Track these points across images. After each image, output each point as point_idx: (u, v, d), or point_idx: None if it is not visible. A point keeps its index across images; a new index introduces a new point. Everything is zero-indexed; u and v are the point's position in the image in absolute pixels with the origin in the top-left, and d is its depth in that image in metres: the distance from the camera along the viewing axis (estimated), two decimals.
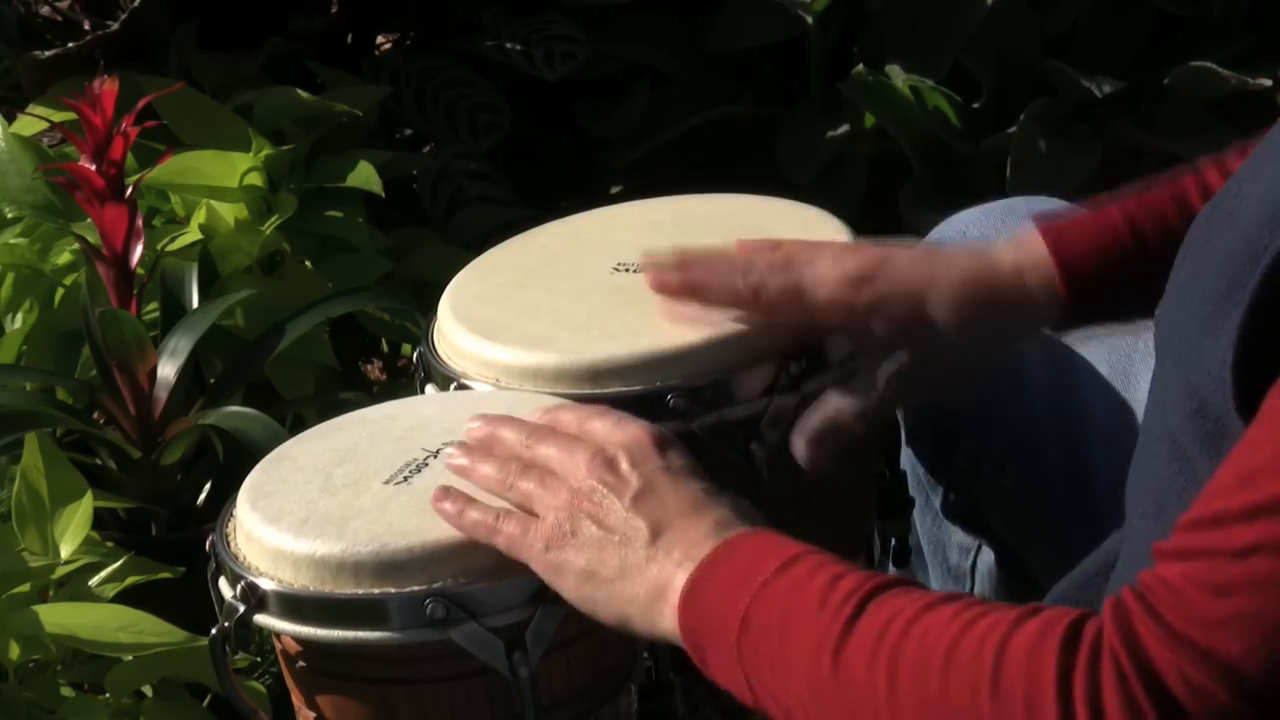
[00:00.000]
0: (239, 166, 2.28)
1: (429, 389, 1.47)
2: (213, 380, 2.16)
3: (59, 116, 2.27)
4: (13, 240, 2.27)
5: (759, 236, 1.50)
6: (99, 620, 1.72)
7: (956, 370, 1.40)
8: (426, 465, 1.31)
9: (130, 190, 2.01)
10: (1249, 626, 0.93)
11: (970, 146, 2.52)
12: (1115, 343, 1.53)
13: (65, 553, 1.81)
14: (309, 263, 2.30)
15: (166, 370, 2.03)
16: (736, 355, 1.38)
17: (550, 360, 1.40)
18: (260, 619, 1.27)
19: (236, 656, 1.44)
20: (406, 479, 1.29)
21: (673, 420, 1.35)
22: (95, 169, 1.99)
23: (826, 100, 2.63)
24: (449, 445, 1.31)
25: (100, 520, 1.98)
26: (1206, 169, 1.36)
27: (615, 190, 2.69)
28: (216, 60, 2.51)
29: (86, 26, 2.51)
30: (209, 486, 2.12)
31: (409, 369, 2.42)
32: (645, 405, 1.36)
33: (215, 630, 1.28)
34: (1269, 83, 2.44)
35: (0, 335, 2.23)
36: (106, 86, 2.00)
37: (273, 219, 2.26)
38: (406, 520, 1.25)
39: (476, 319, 1.46)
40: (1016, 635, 1.00)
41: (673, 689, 1.40)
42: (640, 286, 1.44)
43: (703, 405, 1.36)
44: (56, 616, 1.72)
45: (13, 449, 1.91)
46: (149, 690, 1.82)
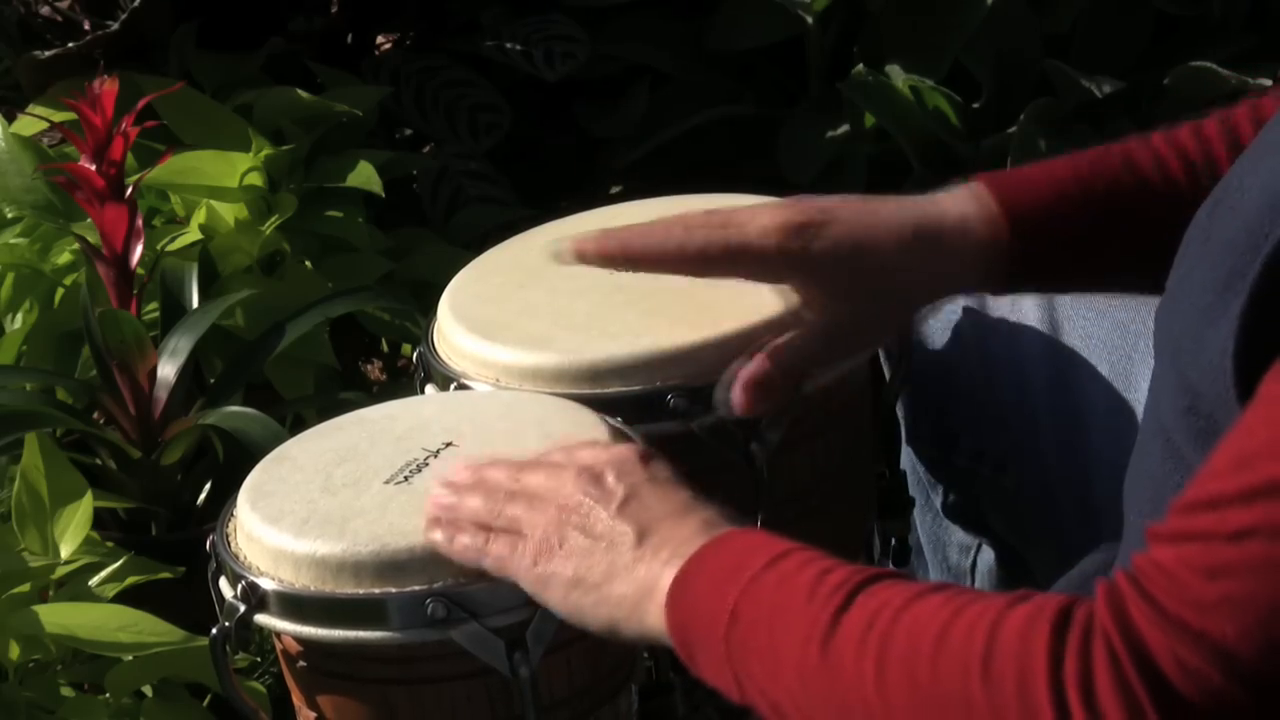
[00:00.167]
0: (239, 166, 2.28)
1: (429, 389, 1.47)
2: (213, 380, 2.16)
3: (59, 116, 2.27)
4: (13, 240, 2.27)
5: None
6: (99, 620, 1.72)
7: (893, 319, 1.38)
8: (427, 465, 1.31)
9: (130, 190, 2.01)
10: (1243, 609, 0.93)
11: (970, 146, 2.52)
12: (1115, 343, 1.53)
13: (65, 553, 1.81)
14: (309, 263, 2.30)
15: (166, 370, 2.03)
16: (736, 355, 1.38)
17: (550, 360, 1.40)
18: (261, 619, 1.27)
19: (236, 656, 1.44)
20: (407, 479, 1.29)
21: (673, 420, 1.35)
22: (95, 169, 1.99)
23: (826, 100, 2.63)
24: (449, 445, 1.31)
25: (100, 520, 1.98)
26: (1154, 137, 1.36)
27: (615, 190, 2.68)
28: (216, 60, 2.51)
29: (86, 26, 2.51)
30: (209, 486, 2.12)
31: (409, 369, 2.42)
32: (645, 405, 1.36)
33: (215, 630, 1.28)
34: (1269, 83, 2.44)
35: (0, 335, 2.23)
36: (106, 86, 2.00)
37: (273, 219, 2.26)
38: (407, 520, 1.25)
39: (476, 319, 1.46)
40: (1007, 620, 0.99)
41: (673, 689, 1.40)
42: (640, 286, 1.44)
43: (703, 405, 1.36)
44: (56, 616, 1.72)
45: (13, 449, 1.91)
46: (149, 690, 1.82)
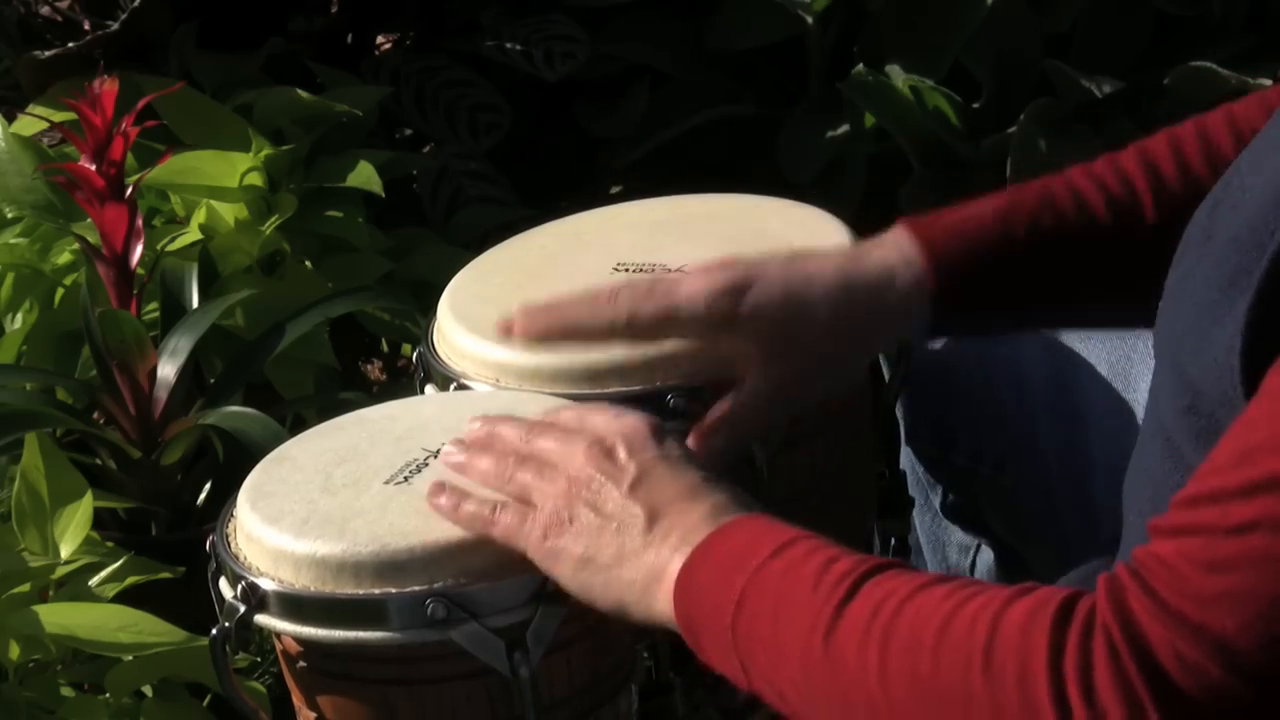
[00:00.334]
0: (239, 166, 2.28)
1: (429, 389, 1.47)
2: (213, 380, 2.16)
3: (59, 116, 2.27)
4: (13, 240, 2.27)
5: (759, 236, 1.51)
6: (99, 620, 1.72)
7: (830, 374, 1.37)
8: (427, 465, 1.30)
9: (130, 190, 2.01)
10: (1243, 603, 0.93)
11: (970, 146, 2.52)
12: (1115, 343, 1.53)
13: (65, 553, 1.81)
14: (309, 263, 2.30)
15: (166, 370, 2.03)
16: None
17: (550, 360, 1.40)
18: (261, 619, 1.27)
19: (236, 656, 1.44)
20: (407, 479, 1.29)
21: (673, 420, 1.35)
22: (95, 169, 1.99)
23: (826, 100, 2.62)
24: (449, 445, 1.31)
25: (100, 520, 1.98)
26: (1072, 172, 1.37)
27: (615, 190, 2.68)
28: (216, 60, 2.51)
29: (86, 26, 2.51)
30: (209, 486, 2.12)
31: (409, 369, 2.42)
32: (645, 405, 1.36)
33: (215, 630, 1.28)
34: (1269, 83, 2.44)
35: (0, 335, 2.23)
36: (106, 86, 2.00)
37: (273, 219, 2.26)
38: (407, 520, 1.25)
39: (476, 319, 1.46)
40: (1008, 613, 1.00)
41: (673, 689, 1.40)
42: None
43: (703, 405, 1.36)
44: (56, 616, 1.72)
45: (13, 449, 1.91)
46: (149, 690, 1.82)
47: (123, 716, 1.77)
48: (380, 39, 2.89)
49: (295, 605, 1.25)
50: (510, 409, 1.36)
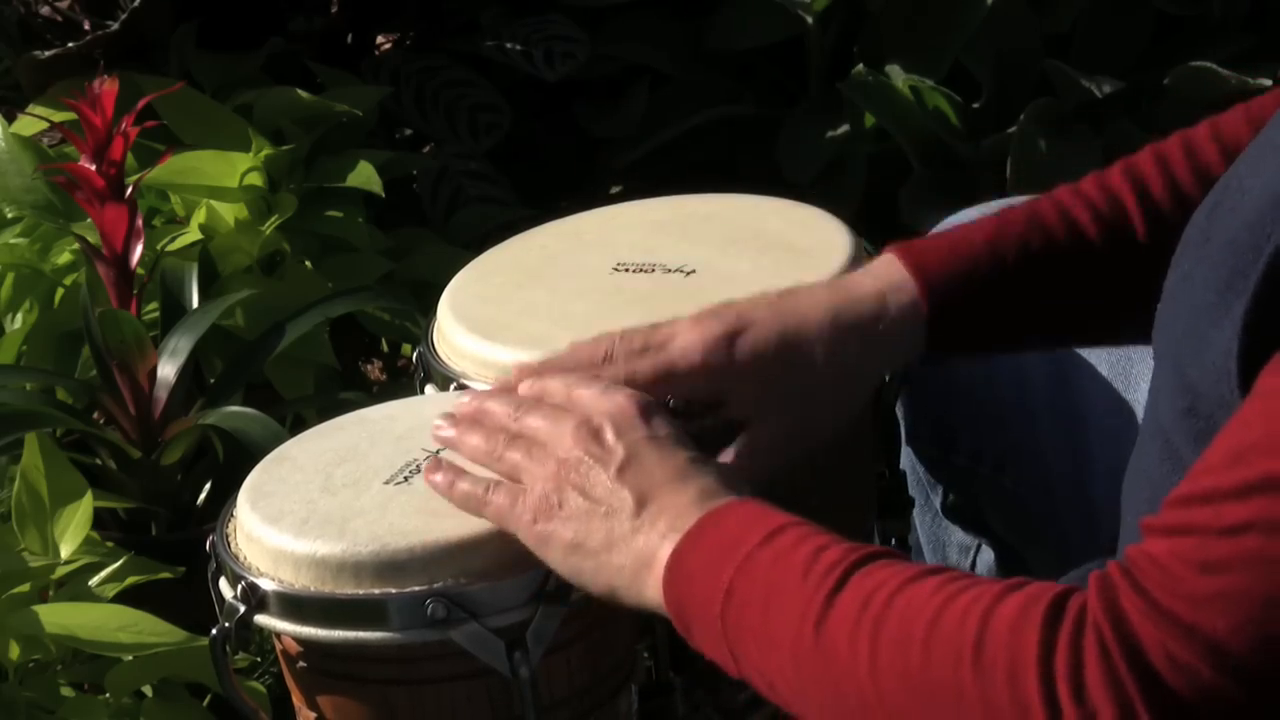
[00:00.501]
0: (239, 166, 2.28)
1: (429, 389, 1.47)
2: (213, 380, 2.16)
3: (59, 116, 2.27)
4: (13, 240, 2.27)
5: (759, 236, 1.51)
6: (99, 620, 1.72)
7: (832, 410, 1.36)
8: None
9: (130, 190, 2.01)
10: (1236, 604, 0.93)
11: (970, 146, 2.52)
12: None
13: (65, 553, 1.81)
14: (309, 263, 2.30)
15: (166, 370, 2.03)
16: None
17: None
18: (261, 619, 1.27)
19: (236, 656, 1.44)
20: (407, 479, 1.29)
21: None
22: (95, 169, 1.99)
23: (826, 100, 2.63)
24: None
25: (100, 520, 1.98)
26: (1059, 192, 1.37)
27: (615, 190, 2.69)
28: (216, 60, 2.51)
29: (86, 26, 2.51)
30: (209, 486, 2.12)
31: (409, 369, 2.42)
32: None
33: (215, 630, 1.28)
34: (1269, 83, 2.44)
35: (0, 335, 2.23)
36: (106, 86, 2.00)
37: (273, 219, 2.26)
38: (407, 520, 1.25)
39: (476, 319, 1.46)
40: (1000, 608, 0.99)
41: (673, 689, 1.40)
42: (640, 286, 1.44)
43: (702, 405, 1.36)
44: (56, 616, 1.72)
45: (13, 449, 1.91)
46: (149, 690, 1.82)
47: (123, 716, 1.77)
48: (380, 39, 2.89)
49: (295, 605, 1.25)
50: None
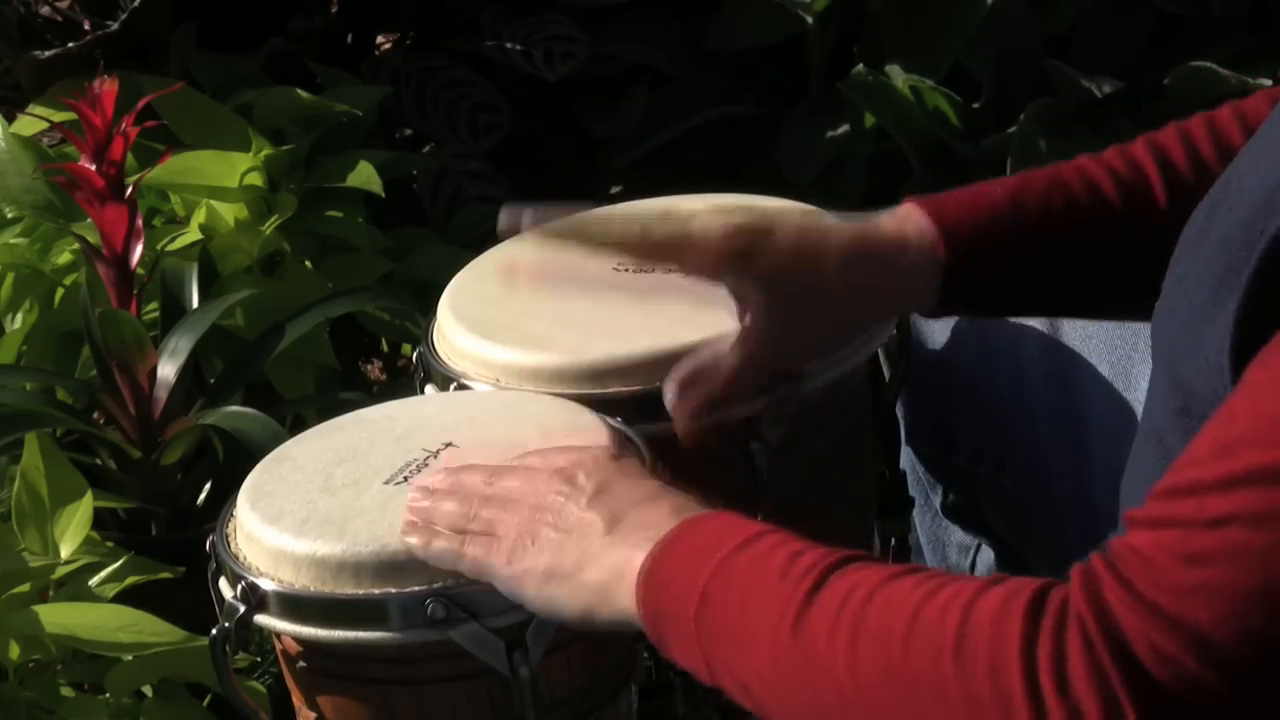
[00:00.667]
0: (239, 166, 2.28)
1: (429, 389, 1.47)
2: (213, 380, 2.16)
3: (59, 116, 2.27)
4: (13, 240, 2.27)
5: None
6: (99, 620, 1.72)
7: (828, 331, 1.38)
8: (426, 465, 1.30)
9: (130, 190, 2.01)
10: (1220, 597, 0.92)
11: (970, 146, 2.52)
12: (1115, 343, 1.53)
13: (65, 553, 1.81)
14: (309, 263, 2.30)
15: (166, 370, 2.03)
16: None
17: (550, 360, 1.40)
18: (261, 619, 1.27)
19: (236, 656, 1.44)
20: (407, 479, 1.29)
21: (673, 420, 1.35)
22: (95, 169, 1.99)
23: (826, 100, 2.62)
24: (449, 445, 1.31)
25: (100, 520, 1.98)
26: (1082, 159, 1.38)
27: (615, 190, 2.68)
28: (216, 60, 2.51)
29: (86, 26, 2.51)
30: (209, 486, 2.12)
31: (409, 369, 2.42)
32: (645, 405, 1.36)
33: (215, 630, 1.28)
34: (1269, 83, 2.44)
35: (0, 335, 2.23)
36: (106, 86, 2.00)
37: (273, 219, 2.26)
38: None
39: (476, 319, 1.46)
40: (981, 602, 0.99)
41: (673, 689, 1.40)
42: (640, 286, 1.44)
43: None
44: (56, 616, 1.72)
45: (13, 449, 1.91)
46: (149, 690, 1.82)
47: (123, 716, 1.77)
48: (380, 39, 2.89)
49: (295, 605, 1.25)
50: (510, 409, 1.37)
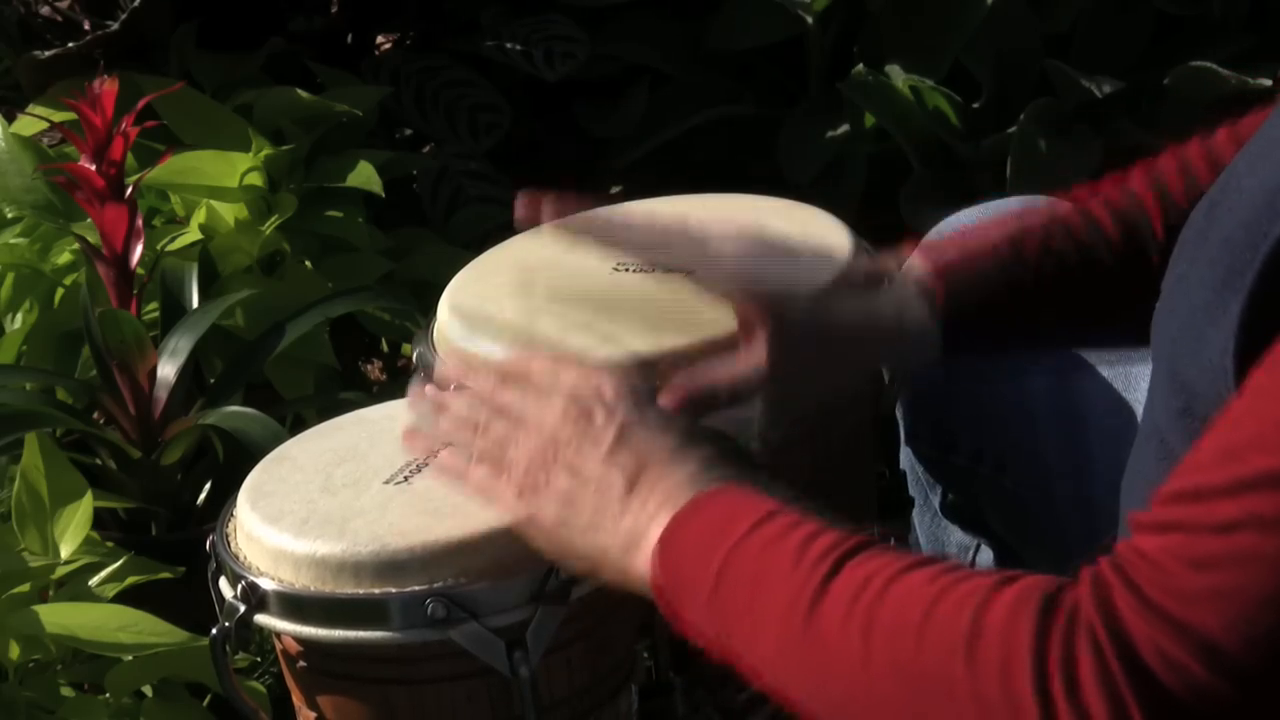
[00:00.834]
0: (239, 166, 2.28)
1: (429, 389, 1.47)
2: (213, 380, 2.16)
3: (59, 116, 2.27)
4: (13, 240, 2.27)
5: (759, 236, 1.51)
6: (99, 620, 1.72)
7: (830, 374, 1.38)
8: (426, 465, 1.30)
9: (130, 190, 2.01)
10: (1227, 601, 0.92)
11: (970, 146, 2.52)
12: None
13: (65, 553, 1.81)
14: (309, 263, 2.30)
15: (166, 370, 2.03)
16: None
17: None
18: (261, 619, 1.27)
19: (236, 656, 1.44)
20: (406, 479, 1.29)
21: None
22: (95, 169, 1.99)
23: (826, 100, 2.63)
24: (449, 445, 1.31)
25: (100, 520, 1.98)
26: (1079, 193, 1.38)
27: (615, 190, 2.68)
28: (216, 60, 2.51)
29: (86, 26, 2.51)
30: (209, 486, 2.12)
31: (409, 369, 2.42)
32: None
33: (215, 630, 1.28)
34: (1269, 83, 2.45)
35: (0, 335, 2.23)
36: (106, 86, 2.00)
37: (273, 219, 2.26)
38: (407, 520, 1.25)
39: (476, 319, 1.46)
40: (993, 601, 0.99)
41: (673, 689, 1.40)
42: (640, 287, 1.44)
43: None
44: (56, 616, 1.72)
45: (13, 449, 1.91)
46: (149, 690, 1.82)
47: (123, 716, 1.77)
48: (380, 39, 2.89)
49: (295, 605, 1.25)
50: None
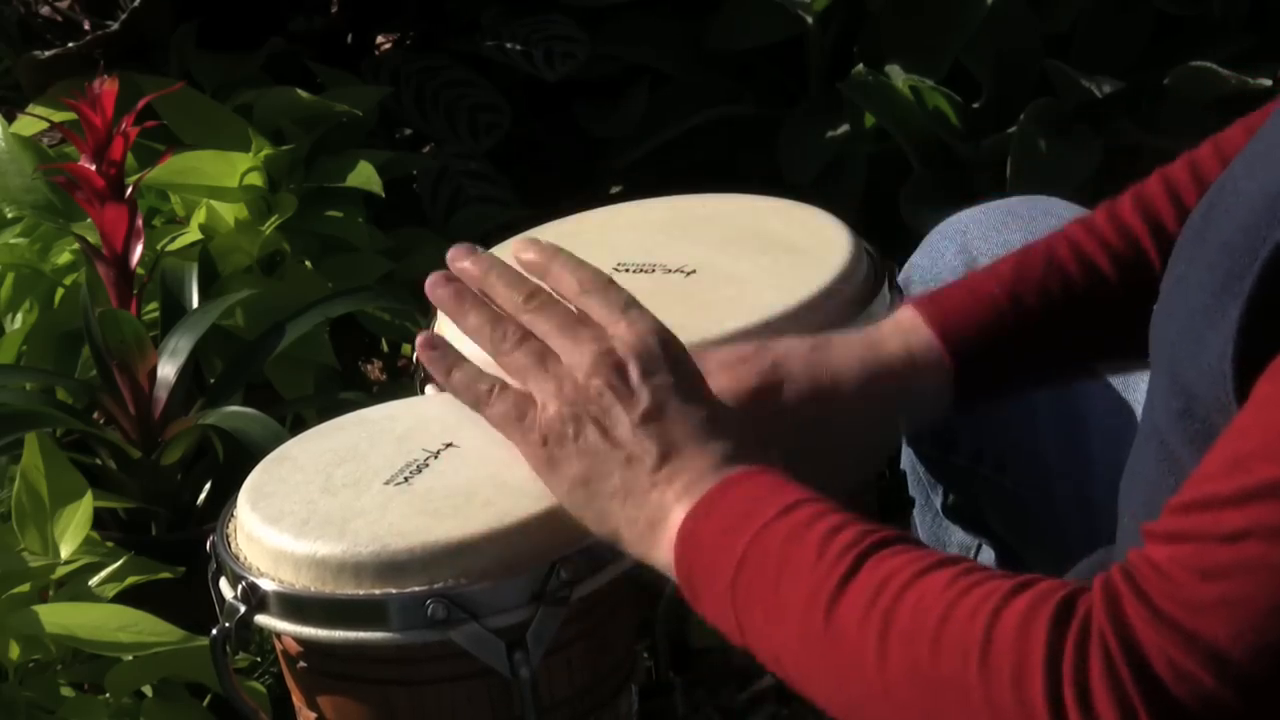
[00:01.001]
0: (239, 166, 2.28)
1: (429, 389, 1.47)
2: (213, 380, 2.16)
3: (59, 116, 2.27)
4: (13, 240, 2.27)
5: (759, 236, 1.51)
6: (99, 620, 1.72)
7: (854, 461, 1.37)
8: (427, 466, 1.30)
9: (130, 190, 2.01)
10: (1236, 611, 0.93)
11: (970, 146, 2.52)
12: None
13: (65, 553, 1.81)
14: (309, 263, 2.30)
15: (166, 370, 2.03)
16: None
17: None
18: (261, 619, 1.27)
19: (236, 656, 1.44)
20: (407, 479, 1.29)
21: None
22: (95, 169, 1.99)
23: (826, 100, 2.63)
24: (449, 445, 1.31)
25: (100, 520, 1.98)
26: (1074, 231, 1.37)
27: (615, 190, 2.69)
28: (216, 60, 2.51)
29: (86, 26, 2.51)
30: (209, 486, 2.12)
31: (409, 369, 2.42)
32: None
33: (216, 630, 1.28)
34: (1269, 83, 2.45)
35: (0, 335, 2.23)
36: (106, 86, 2.00)
37: (273, 219, 2.26)
38: (407, 521, 1.25)
39: None
40: (1008, 608, 0.99)
41: (673, 689, 1.40)
42: (641, 287, 1.44)
43: None
44: (56, 616, 1.72)
45: (13, 449, 1.91)
46: (149, 690, 1.82)
47: (123, 716, 1.77)
48: (380, 39, 2.89)
49: (295, 605, 1.25)
50: None
